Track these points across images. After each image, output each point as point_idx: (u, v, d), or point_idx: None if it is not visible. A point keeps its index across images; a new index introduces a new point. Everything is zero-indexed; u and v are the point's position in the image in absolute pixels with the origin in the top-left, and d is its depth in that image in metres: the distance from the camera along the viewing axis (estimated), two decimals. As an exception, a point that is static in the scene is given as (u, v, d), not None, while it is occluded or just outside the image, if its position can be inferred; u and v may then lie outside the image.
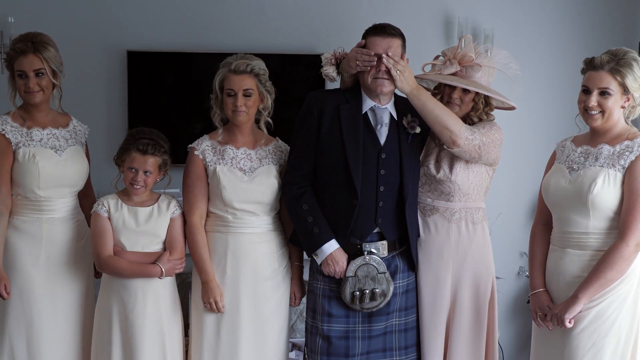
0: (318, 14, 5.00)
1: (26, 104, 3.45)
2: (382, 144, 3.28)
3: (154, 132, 3.44)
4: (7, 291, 3.36)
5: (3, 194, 3.37)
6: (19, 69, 3.37)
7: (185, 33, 4.98)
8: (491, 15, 4.99)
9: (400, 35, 3.27)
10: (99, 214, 3.39)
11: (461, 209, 3.40)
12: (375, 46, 3.21)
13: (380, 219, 3.28)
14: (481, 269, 3.42)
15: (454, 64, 3.36)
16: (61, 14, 4.91)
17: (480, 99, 3.37)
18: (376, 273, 3.27)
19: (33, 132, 3.43)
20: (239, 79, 3.33)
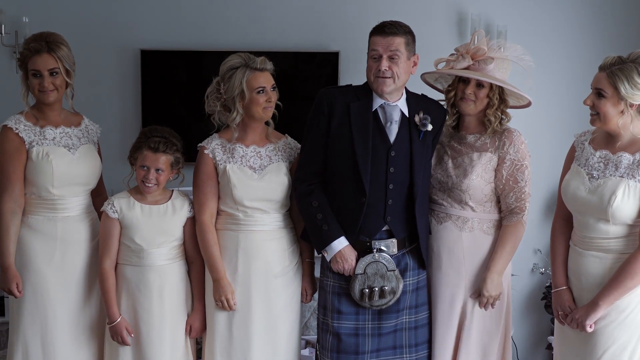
0: (329, 12, 5.00)
1: (39, 103, 3.46)
2: (392, 142, 3.27)
3: (166, 130, 3.44)
4: (19, 290, 3.37)
5: (16, 193, 3.38)
6: (34, 68, 3.38)
7: (198, 32, 5.00)
8: (504, 11, 4.97)
9: (405, 33, 3.24)
10: (108, 215, 3.40)
11: (474, 218, 3.37)
12: (377, 45, 3.21)
13: (389, 216, 3.28)
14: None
15: (467, 58, 3.34)
16: (75, 13, 4.93)
17: (495, 94, 3.34)
18: (385, 270, 3.26)
19: (46, 131, 3.44)
20: (266, 76, 3.38)
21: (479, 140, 3.37)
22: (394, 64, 3.20)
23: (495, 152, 3.33)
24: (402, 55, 3.21)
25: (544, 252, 5.04)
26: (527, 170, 3.33)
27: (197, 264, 3.47)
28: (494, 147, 3.34)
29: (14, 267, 3.36)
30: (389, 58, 3.20)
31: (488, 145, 3.35)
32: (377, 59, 3.21)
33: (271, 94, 3.37)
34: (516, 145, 3.32)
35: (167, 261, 3.40)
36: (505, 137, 3.34)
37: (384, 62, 3.19)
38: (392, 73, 3.20)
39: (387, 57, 3.20)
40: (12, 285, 3.36)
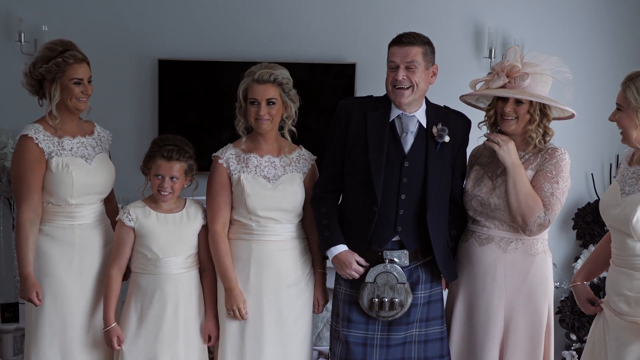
0: (347, 24, 5.01)
1: (67, 112, 3.46)
2: (407, 152, 3.26)
3: (178, 138, 3.45)
4: (39, 298, 3.38)
5: (35, 202, 3.38)
6: (76, 77, 3.38)
7: (215, 42, 5.02)
8: (521, 25, 4.97)
9: (423, 43, 3.24)
10: (124, 223, 3.39)
11: (517, 239, 3.32)
12: (394, 56, 3.22)
13: (400, 227, 3.26)
14: (538, 300, 3.33)
15: (502, 77, 3.28)
16: (94, 23, 4.97)
17: (536, 110, 3.26)
18: (395, 282, 3.24)
19: (64, 141, 3.45)
20: (262, 89, 3.33)
21: (522, 159, 3.32)
22: (411, 73, 3.19)
23: (535, 168, 3.29)
24: (420, 65, 3.20)
25: (559, 266, 5.02)
26: (557, 184, 3.25)
27: (210, 272, 3.47)
28: (536, 164, 3.29)
29: (34, 276, 3.37)
30: (406, 68, 3.19)
31: (530, 162, 3.31)
32: (395, 69, 3.21)
33: (264, 108, 3.33)
34: (555, 159, 3.27)
35: (182, 270, 3.40)
36: (547, 154, 3.29)
37: (400, 72, 3.19)
38: (410, 82, 3.19)
39: (404, 67, 3.19)
40: (32, 294, 3.36)
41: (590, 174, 5.05)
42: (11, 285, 4.75)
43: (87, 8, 4.99)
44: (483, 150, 3.47)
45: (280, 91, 3.36)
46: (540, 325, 3.34)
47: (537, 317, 3.33)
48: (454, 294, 3.45)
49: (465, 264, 3.41)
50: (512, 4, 4.99)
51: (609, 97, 4.99)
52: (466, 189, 3.41)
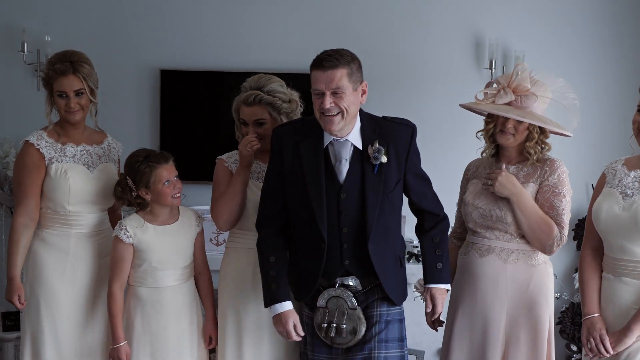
0: (348, 35, 5.03)
1: (64, 121, 3.50)
2: (342, 183, 3.03)
3: (147, 149, 3.45)
4: (22, 301, 3.40)
5: (31, 207, 3.41)
6: (60, 90, 3.41)
7: (217, 52, 5.04)
8: (522, 36, 4.98)
9: (347, 63, 2.94)
10: (122, 240, 3.35)
11: (518, 250, 3.31)
12: (318, 82, 2.94)
13: (347, 260, 3.05)
14: (539, 310, 3.31)
15: (509, 94, 3.23)
16: (96, 33, 4.99)
17: (535, 127, 3.24)
18: (346, 308, 3.06)
19: (67, 148, 3.47)
20: (250, 111, 3.30)
21: (522, 172, 3.32)
22: (338, 99, 2.93)
23: (537, 181, 3.28)
24: (347, 89, 2.93)
25: (560, 277, 5.01)
26: (564, 199, 3.26)
27: (205, 275, 3.49)
28: (536, 177, 3.29)
29: (19, 279, 3.40)
30: (333, 94, 2.92)
31: (530, 175, 3.30)
32: (320, 95, 2.94)
33: (251, 130, 3.30)
34: (557, 173, 3.27)
35: (180, 281, 3.41)
36: (547, 166, 3.28)
37: (327, 100, 2.92)
38: (339, 108, 2.94)
39: (331, 93, 2.92)
40: (15, 297, 3.40)
41: (591, 184, 5.05)
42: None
43: (90, 19, 5.02)
44: (480, 163, 3.47)
45: (270, 110, 3.30)
46: (541, 336, 3.32)
47: (538, 327, 3.31)
48: (455, 306, 3.44)
49: (466, 275, 3.40)
50: (513, 16, 5.01)
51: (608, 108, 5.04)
52: (466, 201, 3.40)
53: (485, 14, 5.02)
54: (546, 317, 3.33)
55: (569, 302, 4.98)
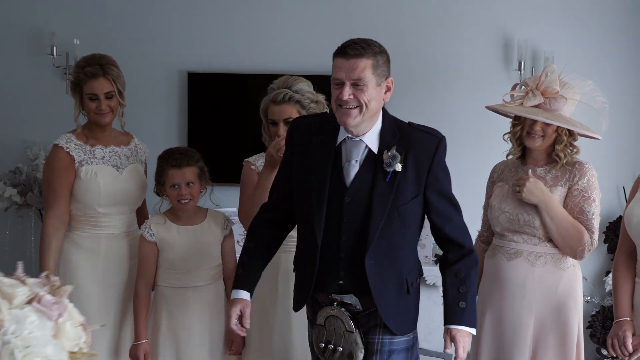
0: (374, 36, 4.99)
1: (92, 124, 3.52)
2: (348, 185, 2.73)
3: (180, 147, 3.50)
4: None
5: (61, 210, 3.44)
6: (90, 92, 3.44)
7: (244, 55, 5.05)
8: (552, 37, 4.94)
9: (374, 54, 2.68)
10: (145, 239, 3.40)
11: (546, 253, 3.27)
12: (339, 70, 2.67)
13: (342, 272, 2.74)
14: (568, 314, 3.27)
15: (537, 96, 3.19)
16: (124, 36, 5.02)
17: (564, 130, 3.20)
18: (344, 330, 2.75)
19: (96, 150, 3.49)
20: (279, 109, 3.26)
21: (549, 174, 3.28)
22: (359, 92, 2.64)
23: (565, 184, 3.25)
24: (370, 82, 2.65)
25: (590, 280, 4.96)
26: (594, 203, 3.22)
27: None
28: (565, 180, 3.25)
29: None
30: (353, 85, 2.65)
31: (559, 179, 3.26)
32: (339, 85, 2.67)
33: (282, 129, 3.25)
34: (586, 177, 3.22)
35: (206, 282, 3.41)
36: (576, 170, 3.24)
37: (346, 90, 2.63)
38: (358, 102, 2.65)
39: (351, 84, 2.64)
40: None
41: (622, 187, 4.99)
42: (41, 295, 4.77)
43: (118, 22, 5.05)
44: (506, 165, 3.44)
45: (299, 108, 3.27)
46: (570, 340, 3.29)
47: (567, 331, 3.28)
48: (482, 310, 3.41)
49: (493, 279, 3.37)
50: (543, 16, 4.97)
51: (639, 110, 4.96)
52: (492, 205, 3.37)
53: (515, 15, 4.98)
54: (575, 321, 3.29)
55: (599, 306, 4.93)
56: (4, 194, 4.65)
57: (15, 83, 5.04)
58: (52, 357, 1.55)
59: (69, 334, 1.63)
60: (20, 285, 1.64)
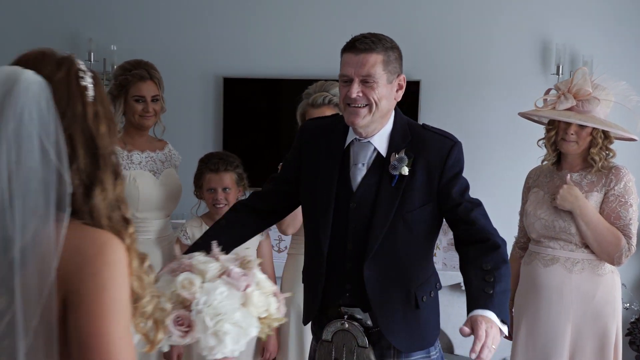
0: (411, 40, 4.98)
1: (132, 127, 3.54)
2: (355, 190, 2.53)
3: (220, 152, 3.55)
4: None
5: None
6: (138, 94, 3.47)
7: (279, 60, 5.06)
8: (590, 41, 4.89)
9: (385, 49, 2.47)
10: (181, 242, 3.48)
11: (584, 259, 3.25)
12: (347, 66, 2.48)
13: (348, 284, 2.52)
14: (605, 321, 3.25)
15: (569, 99, 3.17)
16: (160, 42, 5.06)
17: (599, 133, 3.17)
18: (355, 345, 2.51)
19: (133, 155, 3.52)
20: (318, 112, 3.19)
21: (585, 179, 3.26)
22: (368, 89, 2.45)
23: (602, 189, 3.22)
24: (380, 79, 2.45)
25: (629, 286, 4.90)
26: (631, 208, 3.19)
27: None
28: (601, 185, 3.22)
29: None
30: (362, 82, 2.45)
31: (595, 184, 3.23)
32: (347, 82, 2.47)
33: None
34: (623, 182, 3.19)
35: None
36: (612, 175, 3.21)
37: (354, 87, 2.44)
38: (368, 100, 2.46)
39: (360, 81, 2.45)
40: None
41: (662, 192, 4.92)
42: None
43: (155, 28, 5.09)
44: (541, 171, 3.41)
45: (337, 111, 3.21)
46: (608, 347, 3.26)
47: (605, 338, 3.25)
48: (518, 317, 3.39)
49: (530, 285, 3.35)
50: (581, 19, 4.92)
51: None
52: (527, 212, 3.36)
53: (553, 18, 4.93)
54: (613, 328, 3.26)
55: (638, 313, 4.86)
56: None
57: (54, 89, 5.10)
58: (241, 322, 1.75)
59: (257, 302, 1.81)
60: (214, 261, 1.87)
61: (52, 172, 1.39)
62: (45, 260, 1.37)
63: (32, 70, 1.44)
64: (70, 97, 1.47)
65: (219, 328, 1.75)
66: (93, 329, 1.37)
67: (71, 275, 1.38)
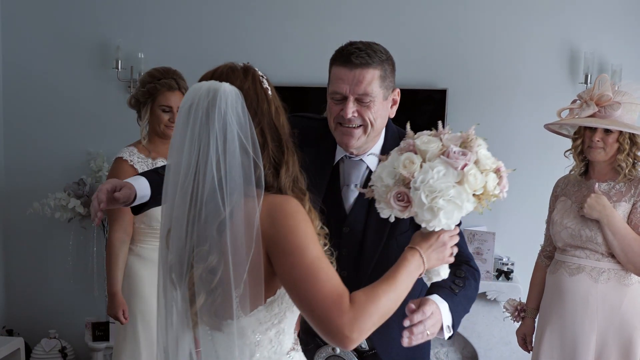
0: (439, 49, 4.98)
1: (158, 135, 3.56)
2: (348, 213, 2.34)
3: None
4: (126, 316, 3.46)
5: (126, 223, 3.48)
6: (166, 104, 3.50)
7: (305, 68, 5.05)
8: (619, 49, 4.84)
9: (381, 62, 2.24)
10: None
11: (610, 269, 3.23)
12: (341, 82, 2.22)
13: None
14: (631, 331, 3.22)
15: (591, 106, 3.16)
16: (188, 50, 5.07)
17: (625, 138, 3.16)
18: None
19: (157, 162, 3.54)
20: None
21: (613, 189, 3.24)
22: (364, 109, 2.23)
23: (630, 200, 3.20)
24: (377, 96, 2.23)
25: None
26: None
27: None
28: (629, 195, 3.20)
29: (121, 294, 3.46)
30: (357, 101, 2.23)
31: (623, 194, 3.22)
32: (340, 100, 2.24)
33: None
34: None
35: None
36: None
37: (350, 107, 2.22)
38: (363, 120, 2.25)
39: (355, 100, 2.23)
40: (119, 312, 3.45)
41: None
42: (103, 304, 4.85)
43: (182, 35, 5.11)
44: (569, 180, 3.38)
45: None
46: (633, 358, 3.23)
47: (630, 349, 3.23)
48: (543, 325, 3.38)
49: (555, 294, 3.34)
50: (610, 28, 4.87)
51: None
52: (554, 220, 3.35)
53: (581, 26, 4.89)
54: (638, 339, 3.23)
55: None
56: (68, 205, 4.73)
57: (81, 95, 5.13)
58: (455, 199, 1.86)
59: (472, 180, 1.88)
60: (437, 141, 1.93)
61: (249, 160, 1.76)
62: (249, 226, 1.73)
63: (227, 83, 1.84)
64: (258, 99, 1.87)
65: (433, 204, 1.86)
66: (299, 261, 1.72)
67: (271, 230, 1.73)
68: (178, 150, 1.80)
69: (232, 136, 1.77)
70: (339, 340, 1.72)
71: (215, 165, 1.75)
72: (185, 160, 1.78)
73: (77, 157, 5.10)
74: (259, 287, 1.76)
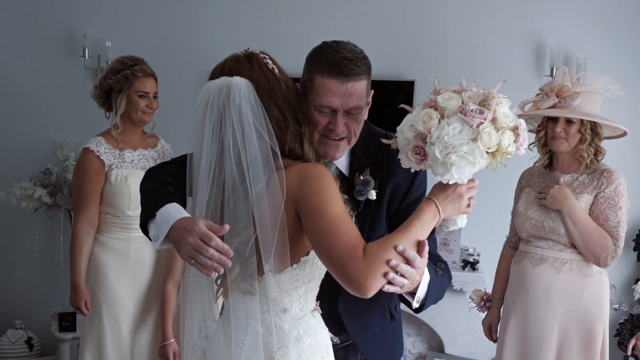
0: (407, 41, 5.00)
1: (132, 123, 3.54)
2: None
3: None
4: (88, 307, 3.46)
5: (91, 214, 3.47)
6: (143, 90, 3.49)
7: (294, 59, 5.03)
8: (584, 43, 4.89)
9: (367, 69, 2.13)
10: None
11: (572, 260, 3.29)
12: (332, 96, 2.09)
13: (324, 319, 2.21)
14: (592, 321, 3.28)
15: (552, 97, 3.22)
16: (157, 39, 5.04)
17: (587, 129, 3.22)
18: None
19: (125, 153, 3.52)
20: None
21: (576, 181, 3.29)
22: (352, 120, 2.15)
23: (592, 191, 3.25)
24: (364, 106, 2.17)
25: (619, 288, 4.92)
26: (620, 211, 3.22)
27: None
28: (592, 187, 3.25)
29: (84, 286, 3.46)
30: (346, 113, 2.12)
31: (586, 186, 3.27)
32: (328, 113, 2.12)
33: None
34: (614, 185, 3.22)
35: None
36: (604, 178, 3.24)
37: (340, 121, 2.12)
38: (349, 132, 2.17)
39: (345, 112, 2.12)
40: (81, 303, 3.45)
41: (653, 195, 4.95)
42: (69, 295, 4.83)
43: (150, 24, 5.08)
44: (533, 172, 3.43)
45: None
46: (594, 347, 3.29)
47: (591, 338, 3.29)
48: (507, 316, 3.42)
49: (519, 284, 3.39)
50: (575, 22, 4.92)
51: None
52: (518, 212, 3.40)
53: (547, 20, 4.94)
54: (600, 328, 3.30)
55: (627, 314, 4.88)
56: (34, 194, 4.69)
57: (47, 84, 5.09)
58: (468, 155, 1.92)
59: (486, 138, 1.93)
60: (457, 97, 2.00)
61: (266, 145, 1.91)
62: (275, 200, 1.89)
63: (237, 76, 1.96)
64: (269, 82, 1.97)
65: (447, 159, 1.92)
66: (322, 217, 1.87)
67: (300, 191, 1.89)
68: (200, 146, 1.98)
69: (249, 125, 1.91)
70: (354, 286, 1.85)
71: (237, 156, 1.91)
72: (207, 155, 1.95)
73: (43, 146, 5.06)
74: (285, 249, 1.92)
